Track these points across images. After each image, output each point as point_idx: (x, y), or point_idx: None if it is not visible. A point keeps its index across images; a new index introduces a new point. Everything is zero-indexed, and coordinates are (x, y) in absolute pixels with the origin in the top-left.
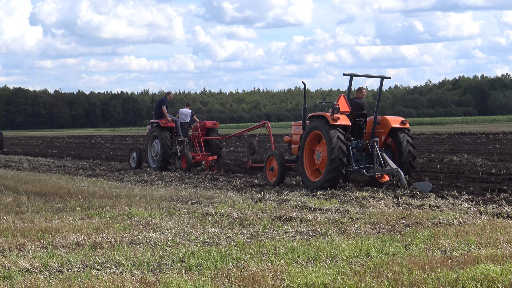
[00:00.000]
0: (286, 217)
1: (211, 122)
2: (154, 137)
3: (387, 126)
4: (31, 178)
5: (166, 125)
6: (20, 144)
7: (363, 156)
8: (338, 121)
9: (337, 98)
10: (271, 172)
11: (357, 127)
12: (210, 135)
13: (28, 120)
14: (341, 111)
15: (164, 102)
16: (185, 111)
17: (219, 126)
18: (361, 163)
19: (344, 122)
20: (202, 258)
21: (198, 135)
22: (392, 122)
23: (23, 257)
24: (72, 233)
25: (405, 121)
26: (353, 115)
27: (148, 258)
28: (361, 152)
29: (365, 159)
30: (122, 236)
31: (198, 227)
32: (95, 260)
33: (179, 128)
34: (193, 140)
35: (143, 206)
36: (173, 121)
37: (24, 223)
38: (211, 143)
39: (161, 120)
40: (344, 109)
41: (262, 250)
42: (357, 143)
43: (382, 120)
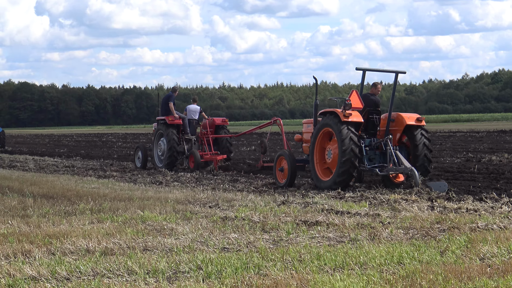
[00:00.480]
0: (312, 221)
1: (221, 119)
2: (160, 135)
3: (402, 123)
4: (38, 179)
5: (173, 123)
6: (25, 142)
7: (377, 154)
8: (350, 118)
9: (349, 93)
10: (281, 172)
11: (371, 124)
12: (219, 133)
13: (34, 117)
14: (353, 107)
15: (171, 98)
16: (193, 108)
17: (229, 123)
18: (374, 162)
19: (356, 118)
20: (221, 266)
21: (207, 133)
22: (407, 119)
23: (29, 264)
24: (81, 239)
25: (421, 118)
26: (366, 112)
27: (163, 265)
28: (374, 151)
29: (378, 157)
30: (135, 241)
31: (217, 232)
32: (106, 267)
33: (186, 125)
34: (202, 138)
35: (158, 210)
36: (181, 118)
37: (30, 227)
38: (221, 142)
39: (167, 117)
40: (357, 105)
41: (286, 257)
42: (370, 141)
43: (397, 117)
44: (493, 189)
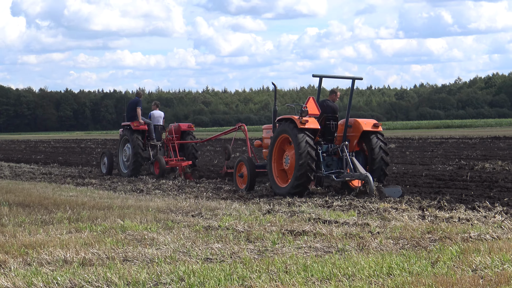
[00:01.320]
0: (298, 231)
1: (186, 124)
2: (125, 141)
3: (359, 129)
4: (13, 187)
5: (138, 128)
6: (1, 149)
7: (334, 160)
8: (307, 125)
9: (306, 100)
10: (240, 178)
11: (328, 130)
12: (185, 138)
13: (10, 122)
14: (310, 114)
15: (139, 103)
16: (157, 113)
17: (194, 128)
18: (332, 168)
19: (313, 125)
20: (204, 277)
21: (172, 139)
22: (364, 126)
23: (5, 275)
24: (59, 249)
25: (377, 124)
26: (324, 118)
27: (144, 277)
28: (332, 157)
29: (336, 163)
30: (115, 251)
31: (199, 242)
32: (84, 278)
33: (152, 131)
34: (167, 144)
35: (138, 219)
36: (146, 124)
37: (5, 237)
38: (187, 148)
39: (132, 123)
40: (313, 111)
41: (271, 268)
42: (328, 147)
43: (354, 123)
44: (486, 197)
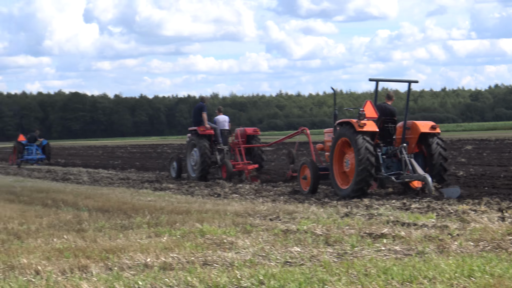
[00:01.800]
0: (377, 233)
1: (252, 129)
2: (193, 145)
3: (417, 131)
4: (92, 192)
5: (205, 133)
6: (78, 154)
7: (394, 162)
8: (365, 128)
9: (364, 103)
10: (304, 181)
11: (386, 132)
12: (251, 142)
13: (86, 128)
14: (368, 117)
15: (204, 108)
16: (222, 118)
17: (260, 133)
18: (391, 170)
19: (371, 128)
20: (284, 280)
21: (239, 143)
22: (421, 127)
23: (87, 280)
24: (139, 253)
25: (435, 126)
26: (382, 121)
27: (224, 280)
28: (391, 158)
29: (395, 165)
30: (195, 256)
31: (278, 246)
32: (165, 282)
33: (218, 135)
34: (234, 148)
35: (217, 223)
36: (212, 128)
37: (86, 242)
38: (253, 151)
39: (199, 128)
40: (371, 115)
41: (351, 271)
42: (387, 149)
43: (412, 125)
44: None
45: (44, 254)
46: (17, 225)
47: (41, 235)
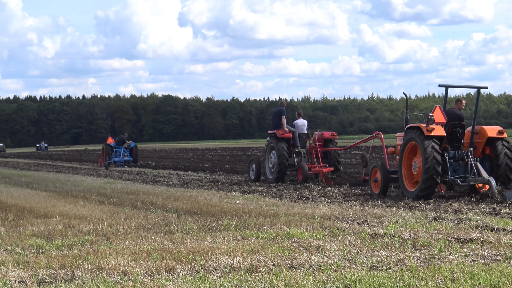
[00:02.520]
0: (465, 238)
1: (330, 133)
2: (271, 148)
3: (484, 136)
4: (181, 194)
5: (283, 136)
6: (169, 157)
7: (461, 165)
8: (433, 132)
9: (433, 109)
10: (375, 183)
11: (454, 137)
12: (328, 146)
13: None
14: (436, 122)
15: (283, 112)
16: (301, 122)
17: (337, 137)
18: (458, 173)
19: (439, 132)
20: (370, 285)
21: (316, 146)
22: (489, 132)
23: (173, 282)
24: (226, 256)
25: (502, 131)
26: (450, 126)
27: (310, 284)
28: (458, 162)
29: (462, 168)
30: (281, 259)
31: (365, 250)
32: (251, 285)
33: (297, 139)
34: (310, 151)
35: (304, 226)
36: (291, 132)
37: (173, 244)
38: (330, 155)
39: (278, 131)
40: (440, 119)
41: (438, 276)
42: (455, 153)
43: (479, 130)
44: None
45: (132, 256)
46: (106, 226)
47: (129, 236)
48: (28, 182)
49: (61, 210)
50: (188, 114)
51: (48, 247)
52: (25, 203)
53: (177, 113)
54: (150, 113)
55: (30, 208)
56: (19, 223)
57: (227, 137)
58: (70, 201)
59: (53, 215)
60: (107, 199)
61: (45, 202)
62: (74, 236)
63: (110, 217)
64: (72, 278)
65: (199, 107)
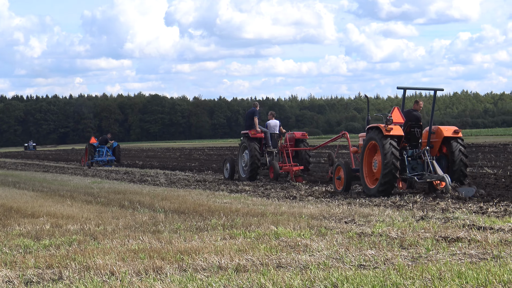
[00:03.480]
0: (452, 237)
1: (300, 133)
2: (244, 147)
3: (441, 135)
4: (169, 194)
5: (255, 136)
6: (156, 156)
7: (419, 164)
8: (391, 132)
9: (391, 110)
10: (338, 180)
11: (412, 136)
12: (299, 146)
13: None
14: (395, 122)
15: (255, 113)
16: (273, 123)
17: (308, 137)
18: (416, 170)
19: (397, 132)
20: (358, 283)
21: (287, 146)
22: (445, 132)
23: (161, 281)
24: (213, 255)
25: (457, 131)
26: (408, 126)
27: (297, 283)
28: (416, 160)
29: (420, 166)
30: (269, 258)
31: (353, 249)
32: (239, 284)
33: (268, 139)
34: (282, 150)
35: (292, 225)
36: (263, 132)
37: (161, 243)
38: (301, 154)
39: (250, 131)
40: (398, 120)
41: (425, 275)
42: (413, 152)
43: (436, 130)
44: None
45: (119, 255)
46: (93, 226)
47: (117, 236)
48: (15, 181)
49: (48, 209)
50: (175, 113)
51: (35, 247)
52: (12, 202)
53: (164, 113)
54: (137, 113)
55: (17, 207)
56: (6, 223)
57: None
58: (58, 201)
59: (40, 215)
60: (94, 199)
61: (32, 202)
62: (62, 235)
63: (98, 217)
64: (60, 278)
65: (186, 106)
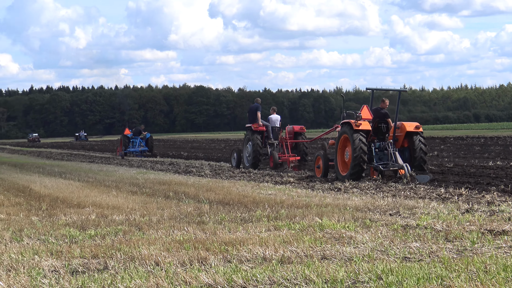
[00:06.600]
0: (498, 230)
1: (299, 127)
2: (248, 139)
3: (404, 130)
4: (214, 185)
5: (257, 129)
6: (201, 147)
7: (385, 154)
8: (360, 127)
9: (361, 108)
10: (318, 169)
11: (379, 131)
12: (297, 138)
13: (210, 121)
14: (364, 118)
15: (259, 108)
16: (274, 117)
17: (306, 130)
18: (383, 160)
19: (365, 127)
20: (402, 276)
21: (286, 138)
22: (407, 127)
23: (205, 272)
24: (258, 246)
25: (418, 126)
26: (376, 122)
27: (342, 275)
28: (383, 152)
29: (386, 157)
30: (313, 249)
31: (397, 241)
32: (283, 276)
33: (270, 132)
34: (281, 142)
35: (336, 217)
36: (265, 126)
37: (206, 234)
38: (299, 146)
39: (253, 125)
40: (367, 116)
41: (470, 268)
42: (380, 144)
43: (400, 125)
44: None
45: (164, 246)
46: (139, 216)
47: (162, 226)
48: (62, 172)
49: (94, 200)
50: (220, 104)
51: (81, 236)
52: (58, 193)
53: (209, 104)
54: (182, 104)
55: (63, 198)
56: (52, 213)
57: None
58: (103, 191)
59: (86, 205)
60: (139, 189)
61: (78, 192)
62: (107, 226)
63: (143, 207)
64: (105, 267)
65: (231, 97)
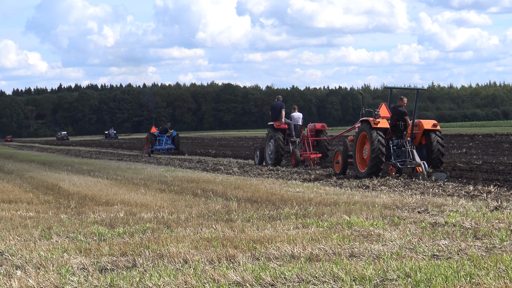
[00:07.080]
0: None
1: (320, 124)
2: (270, 137)
3: (421, 128)
4: (242, 183)
5: (279, 127)
6: (229, 145)
7: (403, 152)
8: (379, 125)
9: (379, 106)
10: (337, 164)
11: (397, 129)
12: (319, 136)
13: (237, 119)
14: (382, 116)
15: (283, 106)
16: (296, 115)
17: (327, 128)
18: (401, 158)
19: (384, 125)
20: (431, 273)
21: (307, 136)
22: (425, 125)
23: (234, 269)
24: (286, 244)
25: (436, 124)
26: (394, 119)
27: (370, 273)
28: (401, 149)
29: (404, 154)
30: (341, 247)
31: (426, 239)
32: (311, 273)
33: (292, 129)
34: (303, 140)
35: (364, 215)
36: (287, 123)
37: (234, 232)
38: (320, 143)
39: (275, 123)
40: (385, 114)
41: (499, 265)
42: (398, 142)
43: (418, 123)
44: None
45: (192, 243)
46: (167, 214)
47: (190, 224)
48: (90, 170)
49: (122, 197)
50: (248, 102)
51: (109, 234)
52: (87, 190)
53: (237, 102)
54: (210, 102)
55: (92, 195)
56: (81, 211)
57: None
58: (131, 189)
59: (114, 203)
60: (168, 187)
61: (106, 190)
62: (136, 223)
63: (171, 205)
64: (134, 265)
65: (259, 95)
